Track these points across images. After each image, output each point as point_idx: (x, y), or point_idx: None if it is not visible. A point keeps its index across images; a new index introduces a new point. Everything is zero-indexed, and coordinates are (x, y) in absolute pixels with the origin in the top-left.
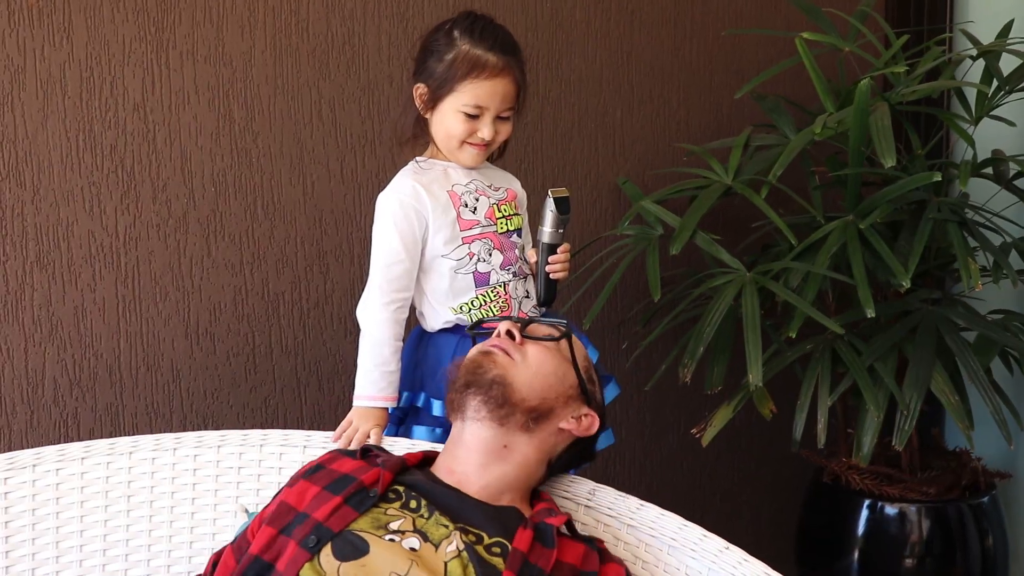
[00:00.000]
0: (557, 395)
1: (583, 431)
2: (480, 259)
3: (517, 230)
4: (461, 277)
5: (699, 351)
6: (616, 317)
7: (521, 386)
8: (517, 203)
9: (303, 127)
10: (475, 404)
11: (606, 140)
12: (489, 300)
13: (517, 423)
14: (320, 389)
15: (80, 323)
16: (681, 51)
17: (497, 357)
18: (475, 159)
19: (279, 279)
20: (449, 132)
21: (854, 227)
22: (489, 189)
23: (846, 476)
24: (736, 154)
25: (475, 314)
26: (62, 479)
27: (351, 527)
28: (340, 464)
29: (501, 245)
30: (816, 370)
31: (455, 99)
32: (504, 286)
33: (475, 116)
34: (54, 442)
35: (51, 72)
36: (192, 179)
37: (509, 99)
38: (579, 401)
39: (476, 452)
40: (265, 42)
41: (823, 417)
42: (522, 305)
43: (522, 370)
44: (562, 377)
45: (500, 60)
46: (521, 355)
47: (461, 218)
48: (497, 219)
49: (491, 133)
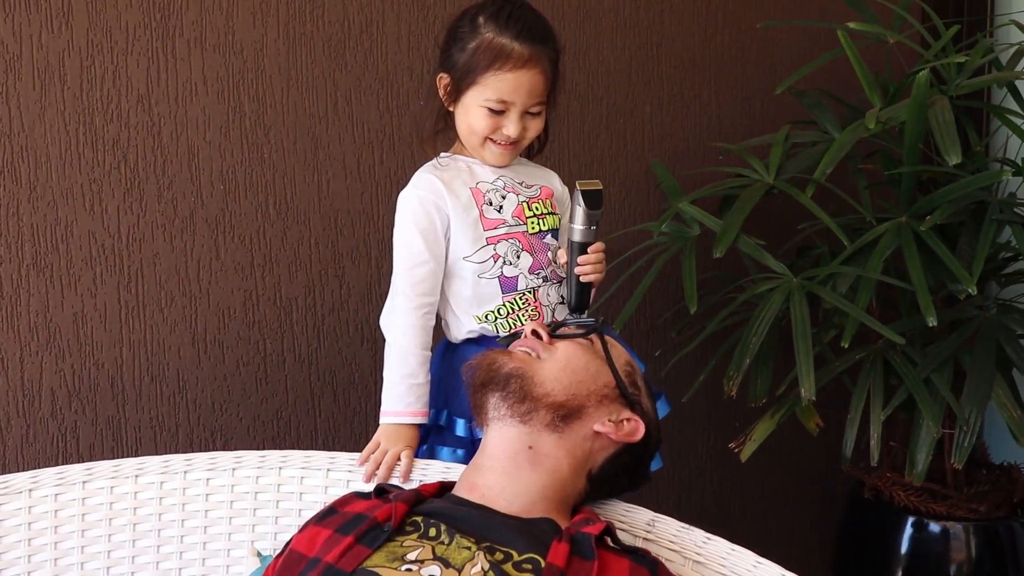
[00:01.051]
0: (589, 392)
1: (624, 436)
2: (507, 262)
3: (552, 230)
4: (486, 282)
5: (745, 362)
6: (645, 323)
7: (545, 379)
8: (554, 201)
9: (318, 121)
10: (494, 402)
11: (635, 136)
12: (517, 308)
13: (542, 421)
14: (335, 400)
15: (80, 330)
16: (713, 42)
17: (516, 354)
18: (500, 158)
19: (292, 283)
20: (472, 128)
21: (909, 229)
22: (519, 186)
23: (889, 491)
24: (777, 151)
25: (501, 323)
26: (61, 505)
27: (365, 564)
28: (353, 506)
29: (531, 247)
30: (868, 382)
31: (478, 92)
32: (534, 292)
33: (500, 112)
34: (52, 457)
35: (49, 61)
36: (200, 176)
37: (537, 93)
38: (618, 404)
39: (501, 457)
40: (278, 30)
41: (876, 432)
42: (555, 312)
43: (548, 364)
44: (594, 374)
45: (526, 50)
46: (549, 353)
47: (484, 216)
48: (527, 218)
49: (517, 131)
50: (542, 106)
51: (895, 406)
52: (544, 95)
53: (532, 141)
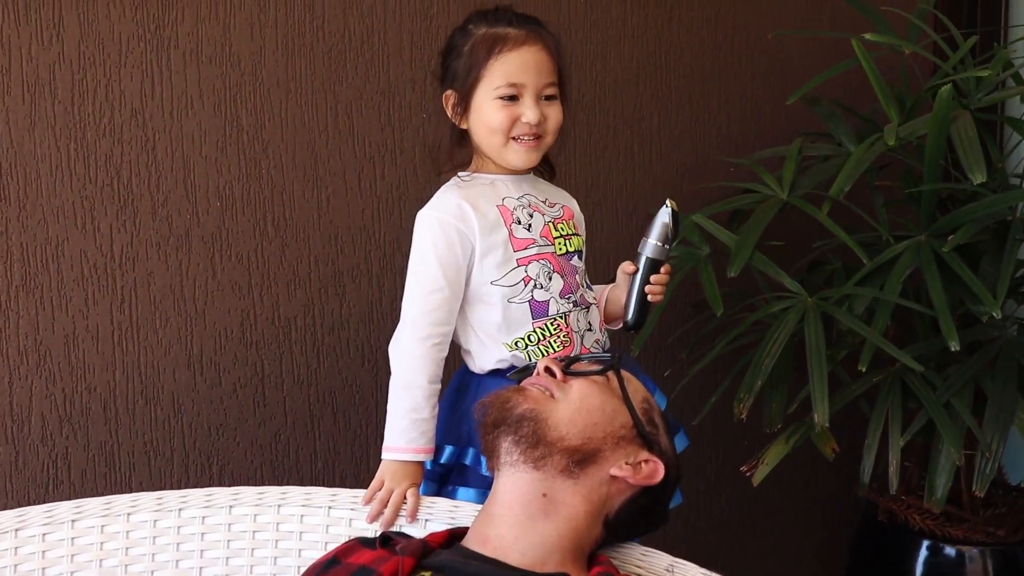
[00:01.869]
0: (605, 435)
1: (642, 479)
2: (538, 285)
3: (578, 251)
4: (516, 307)
5: (757, 384)
6: (653, 343)
7: (559, 423)
8: (575, 223)
9: (317, 135)
10: (506, 446)
11: (643, 147)
12: (549, 334)
13: (557, 466)
14: (335, 422)
15: (71, 353)
16: (722, 51)
17: (530, 392)
18: (526, 157)
19: (291, 302)
20: (490, 126)
21: (928, 249)
22: (543, 204)
23: (904, 514)
24: (790, 166)
25: (533, 351)
26: (49, 545)
27: None
28: (357, 556)
29: (561, 268)
30: (885, 406)
31: (486, 86)
32: (565, 317)
33: (513, 98)
34: (42, 484)
35: (39, 74)
36: (195, 193)
37: (546, 71)
38: (635, 445)
39: (513, 506)
40: (276, 41)
41: (895, 460)
42: (584, 339)
43: (562, 406)
44: (611, 415)
45: (522, 30)
46: (563, 392)
47: (514, 236)
48: (555, 239)
49: (536, 115)
50: (555, 89)
51: (914, 431)
52: (553, 75)
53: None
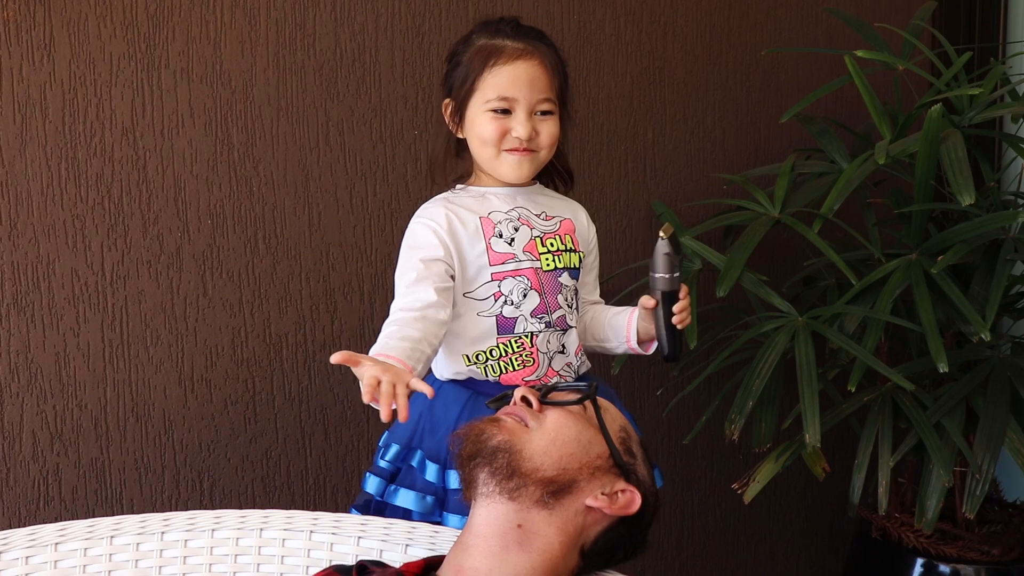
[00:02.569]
0: (580, 465)
1: (618, 510)
2: (508, 302)
3: (569, 269)
4: (482, 320)
5: (748, 405)
6: (644, 360)
7: (534, 454)
8: (575, 237)
9: (309, 152)
10: (483, 477)
11: (636, 163)
12: (511, 351)
13: (531, 497)
14: (327, 439)
15: (62, 370)
16: (717, 66)
17: (505, 423)
18: (518, 170)
19: (282, 319)
20: (481, 138)
21: (919, 268)
22: (536, 218)
23: (898, 532)
24: (782, 183)
25: (492, 366)
26: (32, 568)
27: None
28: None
29: (541, 286)
30: (875, 426)
31: (479, 97)
32: (531, 337)
33: (505, 112)
34: (33, 501)
35: (30, 94)
36: (186, 211)
37: (541, 87)
38: (612, 475)
39: (488, 537)
40: (267, 59)
41: (885, 480)
42: (553, 361)
43: (537, 437)
44: (586, 445)
45: (520, 44)
46: (538, 422)
47: (492, 249)
48: (540, 254)
49: (527, 131)
50: (552, 105)
51: (904, 452)
52: (550, 91)
53: (551, 167)
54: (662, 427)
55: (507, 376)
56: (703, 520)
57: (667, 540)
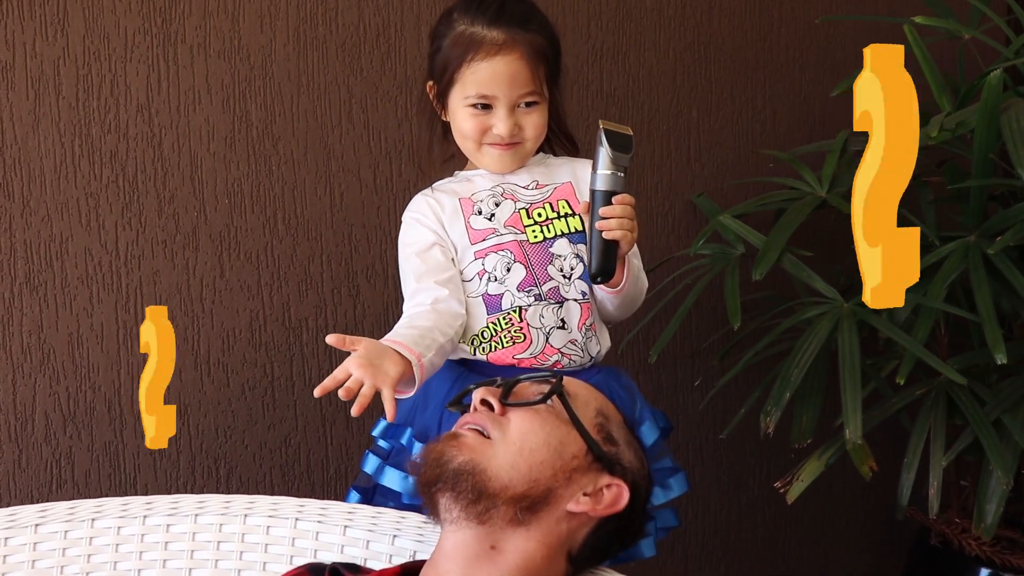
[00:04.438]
0: (554, 471)
1: (605, 509)
2: (492, 278)
3: (566, 234)
4: (472, 302)
5: (784, 397)
6: (690, 347)
7: (500, 470)
8: (573, 201)
9: (330, 130)
10: (445, 503)
11: (680, 144)
12: (500, 329)
13: (503, 517)
14: (348, 427)
15: (75, 351)
16: (767, 41)
17: (466, 440)
18: (501, 163)
19: (302, 303)
20: (462, 132)
21: (977, 250)
22: (522, 190)
23: (959, 539)
24: (831, 161)
25: (484, 347)
26: (11, 550)
27: None
28: None
29: (526, 259)
30: (927, 422)
31: (459, 91)
32: (520, 312)
33: (485, 108)
34: (45, 484)
35: (43, 69)
36: (203, 190)
37: (522, 81)
38: (593, 471)
39: (459, 561)
40: (287, 34)
41: (936, 480)
42: (551, 338)
43: (501, 450)
44: (558, 447)
45: (500, 35)
46: (501, 431)
47: (471, 227)
48: (525, 226)
49: (508, 128)
50: (536, 97)
51: (959, 451)
52: (532, 85)
53: (550, 135)
54: (707, 421)
55: (495, 355)
56: (751, 521)
57: (712, 540)
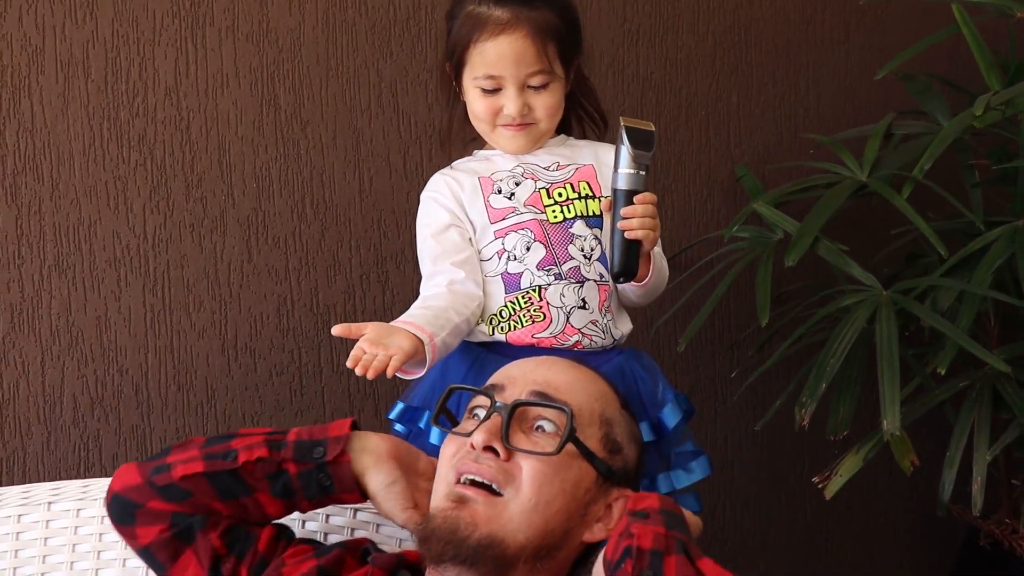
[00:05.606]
0: (570, 515)
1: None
2: (512, 257)
3: (585, 216)
4: (491, 281)
5: (820, 388)
6: (729, 337)
7: (517, 532)
8: (595, 183)
9: (360, 114)
10: (459, 571)
11: (719, 130)
12: (519, 308)
13: (521, 571)
14: (377, 414)
15: (103, 335)
16: (811, 24)
17: (477, 508)
18: (516, 143)
19: (330, 288)
20: (475, 114)
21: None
22: (543, 171)
23: (1010, 540)
24: (873, 144)
25: (503, 327)
26: (52, 532)
27: None
28: None
29: (547, 238)
30: (972, 415)
31: (469, 73)
32: (539, 291)
33: (494, 90)
34: (73, 466)
35: (73, 52)
36: (231, 174)
37: (528, 61)
38: (603, 492)
39: None
40: (316, 16)
41: (980, 475)
42: (572, 317)
43: (516, 509)
44: (572, 490)
45: (505, 13)
46: (513, 485)
47: (491, 206)
48: (546, 206)
49: (517, 108)
50: (545, 77)
51: (1005, 445)
52: (540, 64)
53: (581, 111)
54: (746, 413)
55: (514, 334)
56: (791, 517)
57: (752, 538)
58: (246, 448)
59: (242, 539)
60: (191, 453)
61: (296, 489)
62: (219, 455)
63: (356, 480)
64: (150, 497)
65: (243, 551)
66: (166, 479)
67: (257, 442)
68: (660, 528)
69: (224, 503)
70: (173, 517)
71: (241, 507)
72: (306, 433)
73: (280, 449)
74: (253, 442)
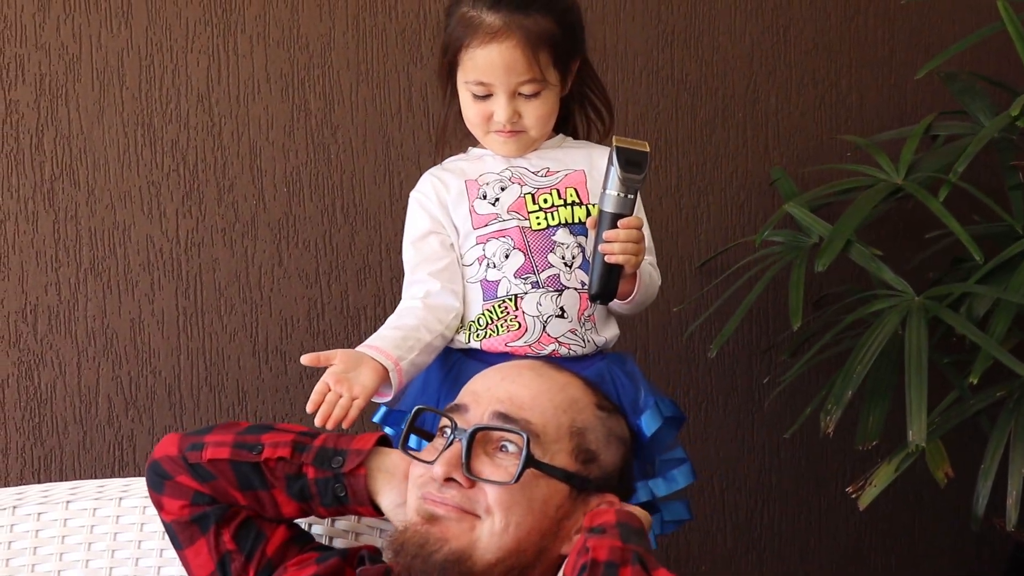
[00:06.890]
0: (542, 533)
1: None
2: (491, 264)
3: (570, 224)
4: (471, 287)
5: (846, 395)
6: (766, 340)
7: (487, 552)
8: (583, 189)
9: (390, 119)
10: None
11: (757, 132)
12: (496, 317)
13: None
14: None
15: (137, 337)
16: (853, 23)
17: (448, 524)
18: (507, 148)
19: (360, 292)
20: (467, 118)
21: None
22: (531, 175)
23: None
24: (910, 146)
25: (479, 334)
26: (70, 531)
27: None
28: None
29: (527, 246)
30: (1008, 426)
31: (461, 75)
32: (515, 300)
33: (484, 96)
34: (108, 465)
35: (108, 60)
36: (262, 178)
37: (519, 70)
38: (580, 502)
39: None
40: (346, 22)
41: (1016, 489)
42: (548, 326)
43: (486, 529)
44: (542, 508)
45: (497, 20)
46: (481, 508)
47: (475, 212)
48: (529, 213)
49: (506, 115)
50: (536, 86)
51: None
52: (531, 73)
53: (587, 103)
54: (783, 421)
55: (489, 342)
56: (832, 528)
57: (790, 549)
58: (273, 445)
59: (253, 537)
60: (225, 437)
61: (313, 495)
62: (247, 446)
63: (370, 496)
64: (180, 471)
65: (252, 551)
66: (196, 457)
67: (285, 440)
68: (616, 541)
69: (242, 493)
70: (195, 496)
71: (258, 501)
72: (332, 440)
73: (303, 452)
74: (281, 440)
